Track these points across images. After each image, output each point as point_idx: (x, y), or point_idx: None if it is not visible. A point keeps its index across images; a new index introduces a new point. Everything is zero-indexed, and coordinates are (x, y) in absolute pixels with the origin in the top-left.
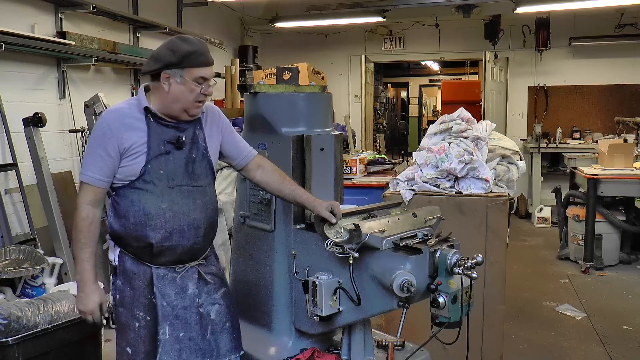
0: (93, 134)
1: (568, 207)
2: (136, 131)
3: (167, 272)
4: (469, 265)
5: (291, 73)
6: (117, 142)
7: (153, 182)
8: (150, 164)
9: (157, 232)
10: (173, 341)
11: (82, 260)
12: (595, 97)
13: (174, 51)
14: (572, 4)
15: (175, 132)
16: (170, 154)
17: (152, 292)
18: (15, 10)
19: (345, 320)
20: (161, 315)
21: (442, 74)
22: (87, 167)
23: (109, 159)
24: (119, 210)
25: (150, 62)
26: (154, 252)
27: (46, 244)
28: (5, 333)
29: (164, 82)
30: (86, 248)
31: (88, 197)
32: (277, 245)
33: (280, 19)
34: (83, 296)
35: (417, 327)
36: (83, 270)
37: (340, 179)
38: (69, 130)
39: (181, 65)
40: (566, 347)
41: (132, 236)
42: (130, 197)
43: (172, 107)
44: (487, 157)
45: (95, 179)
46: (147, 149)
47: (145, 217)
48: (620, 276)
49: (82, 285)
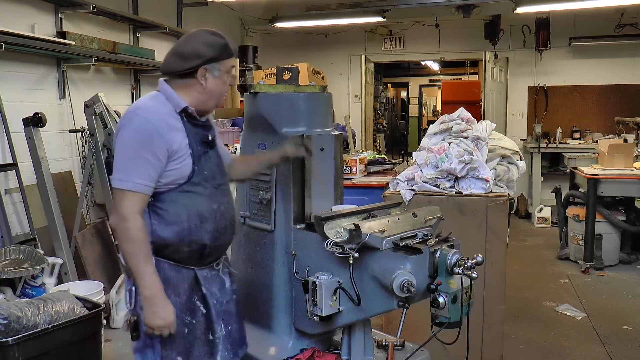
0: (133, 135)
1: (568, 207)
2: (178, 132)
3: (209, 271)
4: (469, 265)
5: (291, 73)
6: (166, 145)
7: (202, 184)
8: (196, 166)
9: (211, 234)
10: (227, 336)
11: (148, 273)
12: (595, 97)
13: (212, 46)
14: (572, 4)
15: (204, 131)
16: (207, 154)
17: (196, 294)
18: (15, 10)
19: (345, 320)
20: (215, 314)
21: (442, 74)
22: (131, 172)
23: (158, 163)
24: (167, 217)
25: (178, 60)
26: (205, 254)
27: (46, 244)
28: (5, 333)
29: (202, 78)
30: (149, 260)
31: (137, 205)
32: (277, 245)
33: (280, 19)
34: (158, 310)
35: (417, 327)
36: (153, 284)
37: (340, 179)
38: (69, 130)
39: (219, 58)
40: (566, 347)
41: (186, 241)
42: (181, 202)
43: (208, 103)
44: (487, 157)
45: (143, 185)
46: (191, 150)
47: (201, 220)
48: (620, 276)
49: (154, 299)
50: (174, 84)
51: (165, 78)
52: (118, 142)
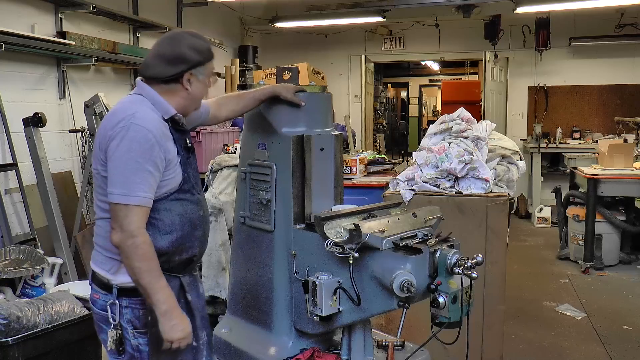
0: (134, 147)
1: (568, 207)
2: (169, 140)
3: (189, 277)
4: (469, 265)
5: (291, 73)
6: (164, 155)
7: (190, 191)
8: (186, 173)
9: (199, 241)
10: (207, 342)
11: (162, 287)
12: (595, 97)
13: (198, 50)
14: (572, 4)
15: (184, 136)
16: (189, 160)
17: (180, 301)
18: (15, 10)
19: (345, 320)
20: (199, 321)
21: (442, 74)
22: (136, 187)
23: (158, 174)
24: (162, 227)
25: (164, 65)
26: (194, 261)
27: (46, 244)
28: (5, 333)
29: (186, 83)
30: (161, 274)
31: (143, 220)
32: (277, 245)
33: (280, 19)
34: (177, 323)
35: (417, 327)
36: (168, 297)
37: (340, 179)
38: (69, 130)
39: (204, 62)
40: (566, 347)
41: (178, 250)
42: (175, 210)
43: (189, 108)
44: (487, 157)
45: (148, 198)
46: (180, 158)
47: (192, 227)
48: (620, 276)
49: (171, 313)
50: (157, 89)
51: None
52: (115, 154)
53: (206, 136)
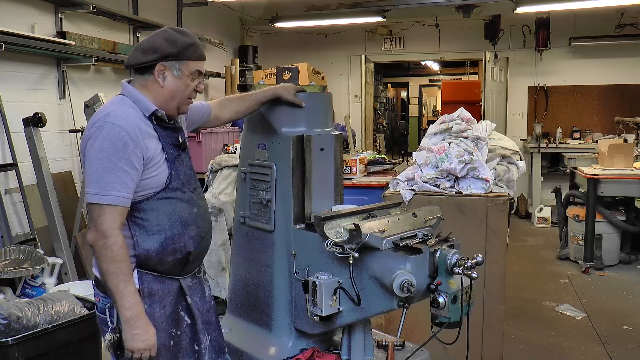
0: (106, 145)
1: (568, 207)
2: (151, 138)
3: (191, 279)
4: (469, 265)
5: (291, 73)
6: (141, 152)
7: (180, 189)
8: (173, 170)
9: (194, 240)
10: (210, 345)
11: (130, 292)
12: (595, 97)
13: (173, 42)
14: (572, 4)
15: (175, 134)
16: (180, 157)
17: (180, 305)
18: (15, 10)
19: (345, 320)
20: (200, 324)
21: (442, 74)
22: (109, 185)
23: (135, 172)
24: (149, 227)
25: (138, 54)
26: (190, 261)
27: (46, 244)
28: (5, 333)
29: (159, 75)
30: (130, 279)
31: (117, 220)
32: (277, 245)
33: (280, 19)
34: (141, 332)
35: (417, 327)
36: (134, 304)
37: (340, 179)
38: (69, 130)
39: (180, 57)
40: (566, 347)
41: (169, 251)
42: (162, 209)
43: (168, 105)
44: (487, 157)
45: (123, 198)
46: (166, 155)
47: (183, 226)
48: (620, 276)
49: (136, 320)
50: (136, 84)
51: (128, 80)
52: (89, 154)
53: (206, 136)
